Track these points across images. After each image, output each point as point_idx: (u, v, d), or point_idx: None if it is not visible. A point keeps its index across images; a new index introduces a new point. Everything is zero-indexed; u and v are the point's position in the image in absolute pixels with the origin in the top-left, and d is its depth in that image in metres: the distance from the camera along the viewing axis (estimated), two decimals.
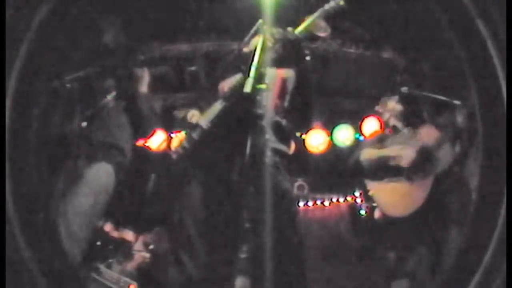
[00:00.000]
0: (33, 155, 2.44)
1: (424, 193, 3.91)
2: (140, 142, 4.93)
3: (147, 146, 5.08)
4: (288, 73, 3.38)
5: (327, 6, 3.18)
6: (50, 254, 2.39)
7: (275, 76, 3.32)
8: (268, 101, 3.18)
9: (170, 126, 4.96)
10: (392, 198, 3.99)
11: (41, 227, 2.44)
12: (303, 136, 5.44)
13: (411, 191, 3.94)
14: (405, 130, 4.20)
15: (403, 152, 3.99)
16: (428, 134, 4.05)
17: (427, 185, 3.93)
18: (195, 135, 3.27)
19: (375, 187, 4.07)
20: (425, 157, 3.94)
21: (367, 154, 4.10)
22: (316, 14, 3.16)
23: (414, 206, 3.89)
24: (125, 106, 3.88)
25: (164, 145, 5.07)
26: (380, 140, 4.19)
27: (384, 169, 3.98)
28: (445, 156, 3.95)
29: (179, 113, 3.53)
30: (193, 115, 3.39)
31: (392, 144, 4.12)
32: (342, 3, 3.16)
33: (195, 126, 3.31)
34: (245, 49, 3.36)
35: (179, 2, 4.68)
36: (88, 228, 3.48)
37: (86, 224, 3.45)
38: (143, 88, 3.95)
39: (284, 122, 3.27)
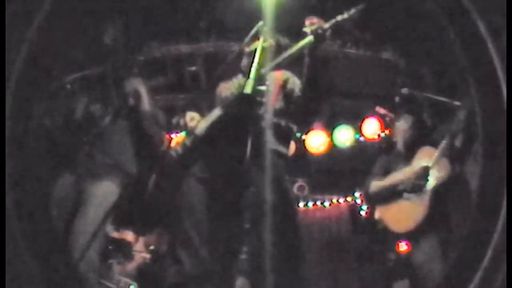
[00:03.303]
0: (34, 157, 2.44)
1: (424, 206, 4.01)
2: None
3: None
4: (285, 75, 3.37)
5: (340, 18, 3.16)
6: (50, 255, 2.39)
7: (273, 78, 3.31)
8: (268, 103, 3.18)
9: (170, 127, 4.96)
10: (395, 217, 4.11)
11: (42, 229, 2.44)
12: (304, 137, 5.44)
13: (412, 207, 4.04)
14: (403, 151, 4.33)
15: (404, 174, 4.12)
16: (425, 154, 4.13)
17: (426, 198, 4.01)
18: (187, 141, 3.25)
19: (380, 211, 4.17)
20: (423, 176, 4.05)
21: (374, 187, 4.22)
22: (327, 25, 3.14)
23: (417, 220, 3.99)
24: (128, 126, 3.88)
25: (165, 146, 5.06)
26: (384, 172, 4.26)
27: (389, 195, 4.12)
28: (442, 171, 4.04)
29: (178, 118, 3.50)
30: (192, 118, 3.36)
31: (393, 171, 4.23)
32: (356, 15, 3.13)
33: (192, 130, 3.28)
34: (246, 51, 3.36)
35: (179, 2, 4.68)
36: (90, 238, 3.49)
37: (89, 234, 3.44)
38: (145, 105, 3.93)
39: (283, 123, 3.25)
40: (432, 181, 4.02)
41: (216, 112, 3.28)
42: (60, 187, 3.62)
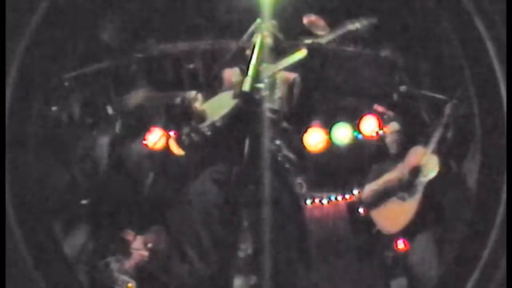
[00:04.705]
0: (32, 153, 2.44)
1: (417, 204, 4.04)
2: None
3: (145, 144, 5.07)
4: (293, 76, 3.35)
5: (351, 27, 3.15)
6: (49, 255, 2.39)
7: (283, 79, 3.30)
8: (277, 104, 3.17)
9: (168, 124, 4.96)
10: (388, 218, 4.15)
11: (40, 228, 2.43)
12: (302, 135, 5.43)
13: (404, 206, 4.07)
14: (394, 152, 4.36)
15: (394, 176, 4.16)
16: (416, 154, 4.16)
17: (417, 197, 4.05)
18: (207, 129, 3.16)
19: (375, 213, 4.18)
20: (414, 175, 4.09)
21: (367, 190, 4.26)
22: (338, 32, 3.13)
23: (410, 218, 4.02)
24: None
25: (162, 144, 5.06)
26: (376, 175, 4.28)
27: (382, 196, 4.16)
28: (433, 169, 4.06)
29: (181, 97, 3.39)
30: (195, 98, 3.28)
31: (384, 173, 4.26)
32: (367, 25, 3.13)
33: (201, 115, 3.19)
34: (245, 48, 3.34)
35: (178, 0, 4.67)
36: None
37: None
38: None
39: (286, 124, 3.24)
40: (423, 179, 4.04)
41: (227, 99, 3.21)
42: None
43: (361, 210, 5.33)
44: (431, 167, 4.04)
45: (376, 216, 4.20)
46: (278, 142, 3.11)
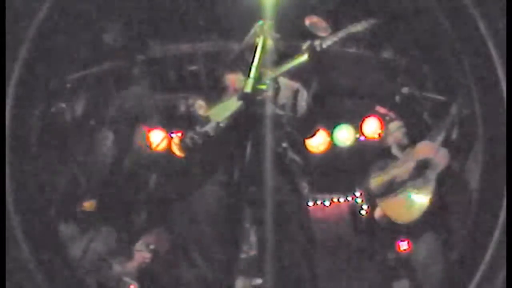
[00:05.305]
0: (34, 155, 2.44)
1: (428, 196, 4.02)
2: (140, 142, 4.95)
3: (148, 146, 5.08)
4: (296, 85, 3.35)
5: (353, 29, 3.15)
6: (50, 255, 2.39)
7: (286, 85, 3.29)
8: (281, 109, 3.18)
9: (169, 125, 4.96)
10: (400, 208, 4.11)
11: (42, 228, 2.44)
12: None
13: (416, 198, 4.05)
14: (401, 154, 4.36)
15: (404, 168, 4.16)
16: (424, 148, 4.17)
17: (430, 189, 4.02)
18: (210, 130, 3.15)
19: (383, 204, 4.18)
20: (424, 167, 4.09)
21: (375, 182, 4.25)
22: (340, 34, 3.13)
23: (421, 210, 3.99)
24: None
25: (163, 145, 5.06)
26: (382, 168, 4.30)
27: (391, 187, 4.16)
28: (442, 159, 4.07)
29: (185, 104, 3.40)
30: (200, 106, 3.29)
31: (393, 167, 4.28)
32: (369, 26, 3.13)
33: (205, 119, 3.19)
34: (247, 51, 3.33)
35: (180, 1, 4.68)
36: None
37: None
38: None
39: (292, 130, 3.24)
40: (434, 172, 4.05)
41: (233, 102, 3.20)
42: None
43: (363, 211, 5.33)
44: (441, 161, 4.06)
45: (386, 206, 4.19)
46: (284, 145, 3.11)
